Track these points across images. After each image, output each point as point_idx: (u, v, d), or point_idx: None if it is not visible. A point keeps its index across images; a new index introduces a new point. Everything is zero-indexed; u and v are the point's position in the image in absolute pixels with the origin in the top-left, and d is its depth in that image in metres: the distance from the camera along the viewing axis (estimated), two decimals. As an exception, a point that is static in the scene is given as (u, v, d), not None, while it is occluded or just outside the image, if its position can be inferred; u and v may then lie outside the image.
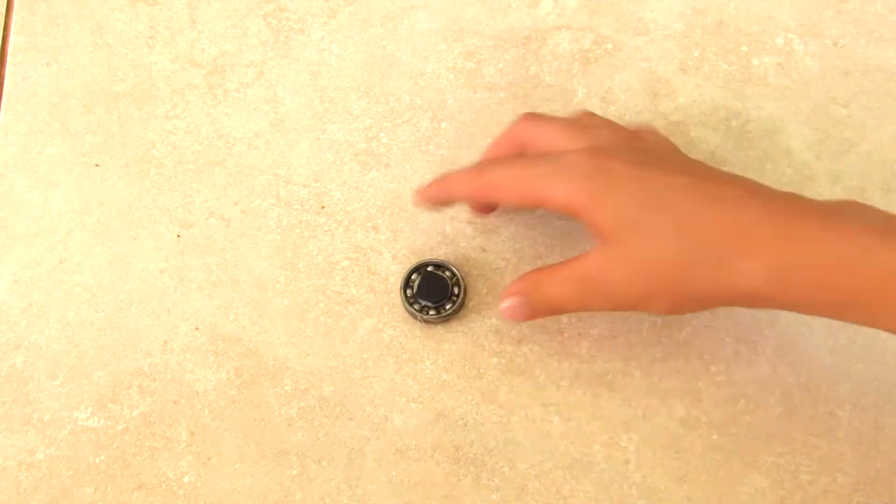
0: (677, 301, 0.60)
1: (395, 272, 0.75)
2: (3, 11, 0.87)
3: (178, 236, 0.78)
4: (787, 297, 0.56)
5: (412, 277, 0.73)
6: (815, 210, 0.57)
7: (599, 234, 0.60)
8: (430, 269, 0.73)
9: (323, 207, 0.78)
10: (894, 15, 0.79)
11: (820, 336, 0.71)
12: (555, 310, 0.66)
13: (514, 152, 0.69)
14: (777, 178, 0.76)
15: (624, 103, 0.78)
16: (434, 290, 0.72)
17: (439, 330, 0.73)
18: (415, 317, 0.73)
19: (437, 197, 0.70)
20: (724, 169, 0.76)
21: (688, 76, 0.79)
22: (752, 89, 0.78)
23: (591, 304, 0.63)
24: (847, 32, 0.79)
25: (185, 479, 0.71)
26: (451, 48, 0.82)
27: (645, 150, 0.64)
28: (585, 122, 0.69)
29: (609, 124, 0.68)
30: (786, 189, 0.75)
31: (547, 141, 0.66)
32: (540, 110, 0.79)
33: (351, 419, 0.72)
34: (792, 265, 0.55)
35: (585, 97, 0.79)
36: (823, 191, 0.75)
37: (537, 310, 0.65)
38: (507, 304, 0.65)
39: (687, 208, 0.58)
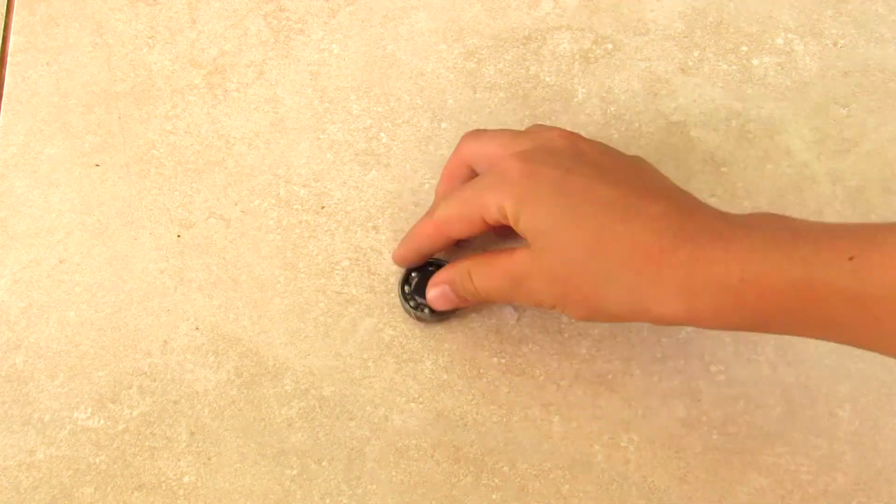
0: (591, 314, 0.60)
1: (396, 272, 0.75)
2: (3, 11, 0.87)
3: (178, 236, 0.78)
4: (701, 321, 0.56)
5: (412, 275, 0.73)
6: (726, 229, 0.56)
7: (524, 237, 0.61)
8: (430, 268, 0.73)
9: (323, 207, 0.78)
10: (894, 15, 0.79)
11: (820, 336, 0.71)
12: (482, 301, 0.68)
13: (465, 175, 0.69)
14: (777, 178, 0.76)
15: (624, 103, 0.78)
16: None
17: (439, 330, 0.73)
18: (410, 314, 0.73)
19: (408, 257, 0.72)
20: (724, 169, 0.76)
21: (688, 76, 0.79)
22: (752, 89, 0.78)
23: (515, 298, 0.65)
24: (847, 32, 0.79)
25: (185, 479, 0.71)
26: (451, 48, 0.82)
27: (579, 156, 0.62)
28: (532, 130, 0.67)
29: (558, 130, 0.65)
30: (785, 189, 0.76)
31: (487, 154, 0.65)
32: (540, 110, 0.79)
33: (351, 419, 0.72)
34: (701, 290, 0.54)
35: (585, 97, 0.79)
36: (823, 191, 0.75)
37: (465, 300, 0.68)
38: (434, 292, 0.68)
39: (604, 223, 0.57)
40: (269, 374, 0.73)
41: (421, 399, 0.72)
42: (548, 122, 0.78)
